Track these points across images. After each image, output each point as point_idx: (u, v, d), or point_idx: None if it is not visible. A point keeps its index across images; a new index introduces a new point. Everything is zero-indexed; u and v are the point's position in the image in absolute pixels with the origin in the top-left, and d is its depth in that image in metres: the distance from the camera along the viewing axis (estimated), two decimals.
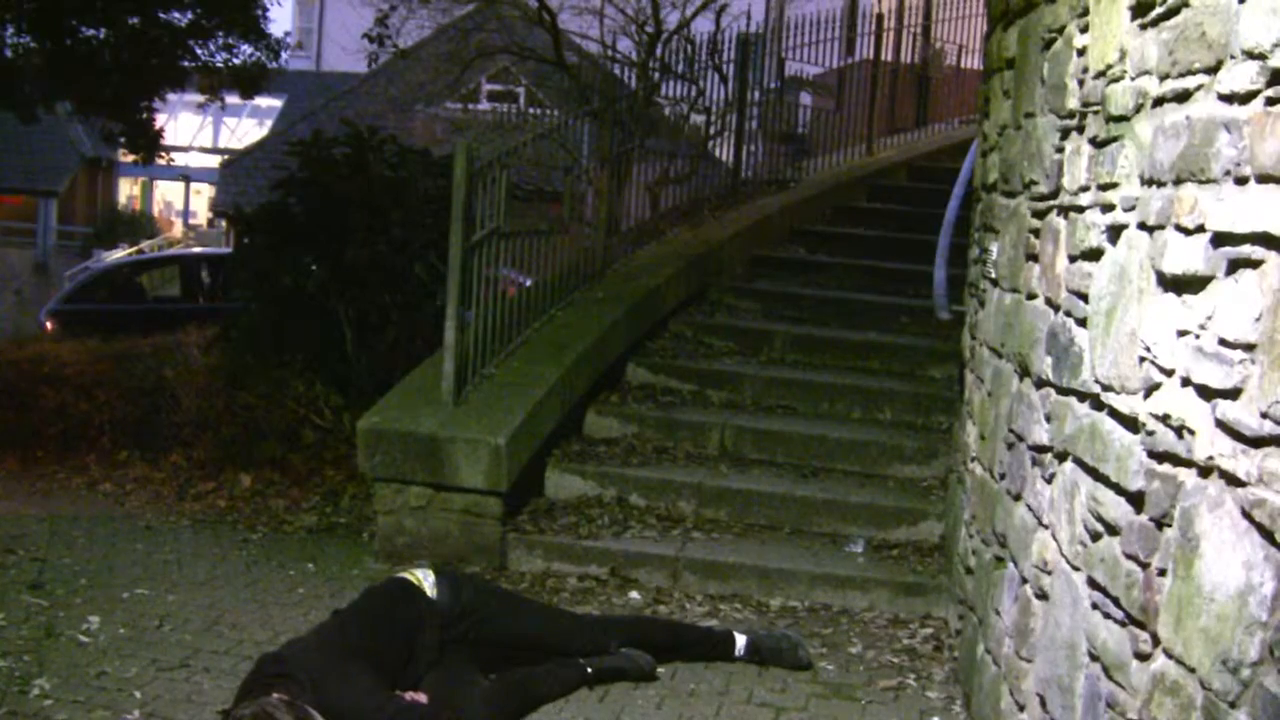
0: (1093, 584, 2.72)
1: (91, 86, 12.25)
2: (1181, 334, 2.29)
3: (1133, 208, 2.62)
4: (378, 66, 15.58)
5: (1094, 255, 2.92)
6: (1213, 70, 2.22)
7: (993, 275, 4.39)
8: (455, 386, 5.84)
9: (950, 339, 6.61)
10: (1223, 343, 2.10)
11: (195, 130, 34.29)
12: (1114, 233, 2.77)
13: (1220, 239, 2.14)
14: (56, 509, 7.27)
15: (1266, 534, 1.91)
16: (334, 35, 27.90)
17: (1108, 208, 2.82)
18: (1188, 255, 2.27)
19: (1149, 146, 2.53)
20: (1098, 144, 2.95)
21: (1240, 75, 2.09)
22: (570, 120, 8.46)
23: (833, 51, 12.46)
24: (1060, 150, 3.35)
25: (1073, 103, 3.23)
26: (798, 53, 12.10)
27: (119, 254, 25.29)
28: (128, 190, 37.30)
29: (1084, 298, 2.98)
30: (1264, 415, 1.94)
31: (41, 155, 28.80)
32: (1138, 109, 2.64)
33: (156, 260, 19.65)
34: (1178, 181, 2.34)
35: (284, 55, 14.67)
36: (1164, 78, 2.48)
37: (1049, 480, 3.22)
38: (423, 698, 3.96)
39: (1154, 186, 2.48)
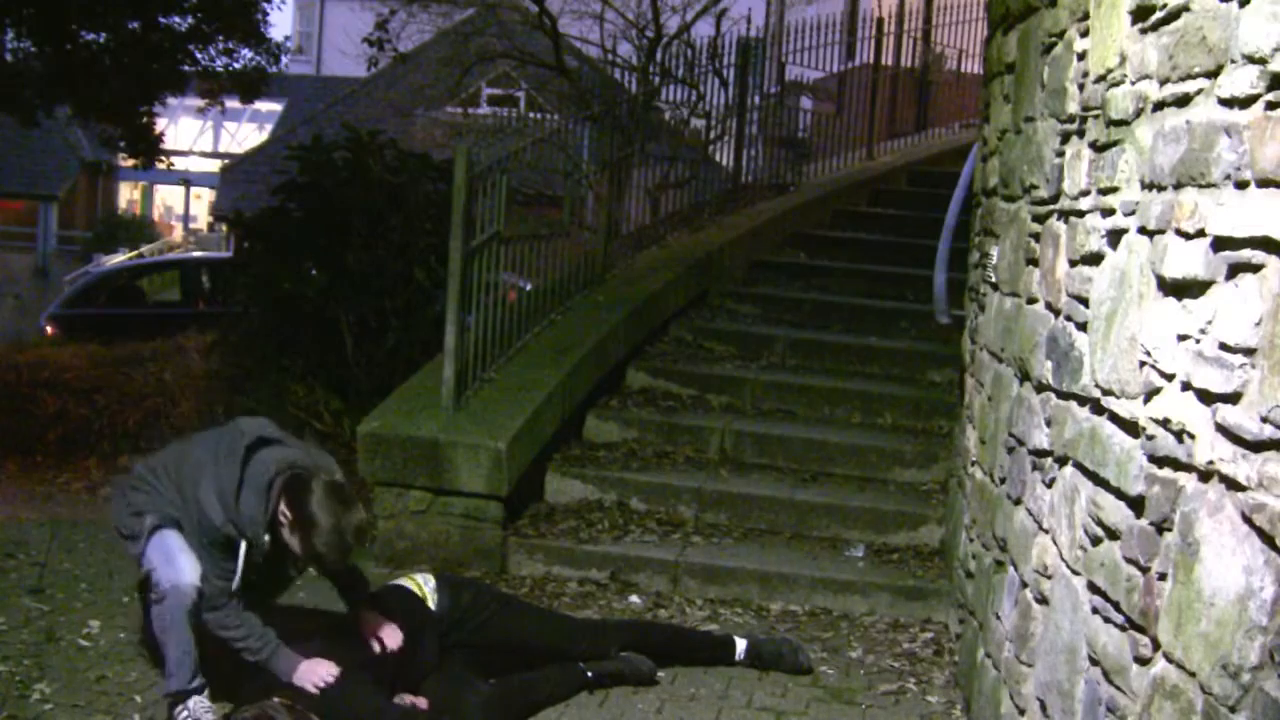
0: (1093, 588, 2.72)
1: (92, 91, 12.25)
2: (1182, 338, 2.29)
3: (1133, 212, 2.62)
4: (378, 71, 15.63)
5: (1094, 260, 2.92)
6: (1213, 74, 2.22)
7: (993, 279, 4.39)
8: (455, 391, 5.84)
9: (950, 343, 6.61)
10: (1223, 347, 2.10)
11: (195, 134, 34.33)
12: (1114, 237, 2.77)
13: (1220, 243, 2.14)
14: (57, 513, 7.26)
15: (1266, 538, 1.91)
16: (334, 39, 27.93)
17: (1108, 212, 2.82)
18: (1188, 260, 2.27)
19: (1149, 151, 2.53)
20: (1098, 148, 2.95)
21: (1240, 80, 2.09)
22: (570, 125, 8.46)
23: (833, 56, 12.45)
24: (1060, 154, 3.35)
25: (1073, 107, 3.23)
26: (798, 57, 12.09)
27: (119, 258, 25.27)
28: (128, 195, 37.30)
29: (1084, 302, 2.98)
30: (1264, 420, 1.94)
31: (42, 160, 28.80)
32: (1138, 113, 2.64)
33: (156, 265, 19.65)
34: (1178, 186, 2.34)
35: (284, 59, 14.70)
36: (1164, 82, 2.48)
37: (1049, 485, 3.22)
38: (423, 702, 3.96)
39: (1154, 191, 2.49)
